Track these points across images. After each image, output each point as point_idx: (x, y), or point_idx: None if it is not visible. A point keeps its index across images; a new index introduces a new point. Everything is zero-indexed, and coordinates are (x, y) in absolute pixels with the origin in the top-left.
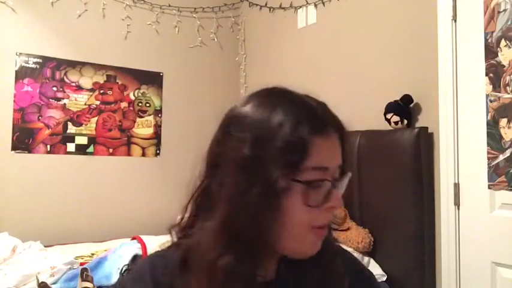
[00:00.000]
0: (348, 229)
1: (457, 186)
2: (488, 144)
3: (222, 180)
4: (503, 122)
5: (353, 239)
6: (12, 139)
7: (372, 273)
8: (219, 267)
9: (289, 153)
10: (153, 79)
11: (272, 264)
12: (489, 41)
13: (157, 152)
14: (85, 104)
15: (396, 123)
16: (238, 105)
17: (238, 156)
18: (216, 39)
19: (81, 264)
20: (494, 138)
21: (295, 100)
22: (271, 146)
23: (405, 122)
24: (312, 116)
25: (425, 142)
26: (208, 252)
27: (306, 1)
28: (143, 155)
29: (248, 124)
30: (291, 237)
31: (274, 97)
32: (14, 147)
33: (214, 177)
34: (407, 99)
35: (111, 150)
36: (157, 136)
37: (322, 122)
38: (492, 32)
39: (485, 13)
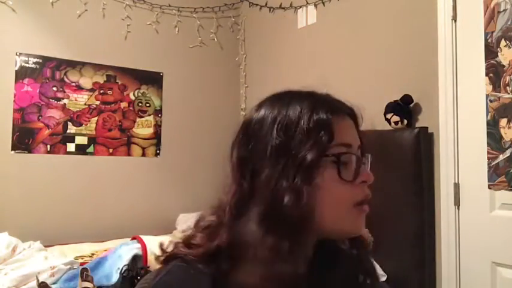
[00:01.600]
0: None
1: (457, 186)
2: (488, 144)
3: (255, 173)
4: (503, 122)
5: None
6: (12, 139)
7: None
8: (275, 252)
9: (316, 132)
10: (153, 79)
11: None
12: (489, 41)
13: (157, 152)
14: (85, 104)
15: (396, 123)
16: (252, 113)
17: (269, 148)
18: (216, 39)
19: (81, 264)
20: (494, 138)
21: (304, 94)
22: (297, 131)
23: (405, 122)
24: (325, 101)
25: (425, 142)
26: (259, 242)
27: (306, 1)
28: (143, 155)
29: (269, 121)
30: (334, 216)
31: (284, 96)
32: (14, 147)
33: (246, 176)
34: (407, 99)
35: (111, 150)
36: (157, 136)
37: (336, 105)
38: (492, 32)
39: (485, 13)
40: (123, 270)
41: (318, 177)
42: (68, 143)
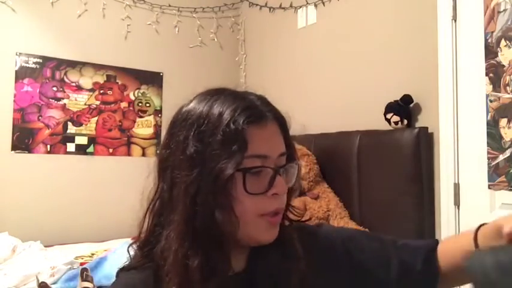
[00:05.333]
0: (310, 219)
1: (457, 186)
2: (488, 144)
3: (173, 181)
4: (503, 122)
5: None
6: (12, 139)
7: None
8: (193, 269)
9: (229, 144)
10: (153, 79)
11: (242, 257)
12: (489, 41)
13: (157, 152)
14: (85, 104)
15: (396, 123)
16: (183, 105)
17: (185, 154)
18: (216, 39)
19: (81, 264)
20: (494, 138)
21: (233, 94)
22: (212, 140)
23: (405, 122)
24: (247, 107)
25: (425, 142)
26: (177, 257)
27: (306, 1)
28: (143, 155)
29: (191, 122)
30: (244, 226)
31: (215, 93)
32: (14, 147)
33: (165, 181)
34: (407, 99)
35: (111, 150)
36: (157, 136)
37: (259, 113)
38: (492, 32)
39: (485, 13)
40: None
41: (231, 190)
42: (68, 143)
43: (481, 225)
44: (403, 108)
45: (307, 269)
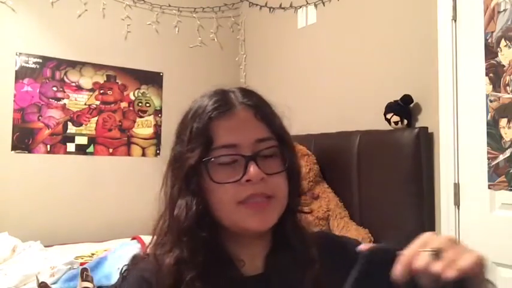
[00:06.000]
0: (311, 212)
1: (457, 186)
2: (488, 144)
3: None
4: (503, 122)
5: None
6: (12, 139)
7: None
8: (172, 264)
9: (195, 139)
10: (153, 79)
11: (258, 260)
12: (489, 41)
13: (157, 152)
14: (85, 104)
15: (396, 123)
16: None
17: (171, 154)
18: (216, 39)
19: (81, 264)
20: (494, 138)
21: (209, 93)
22: (184, 138)
23: (405, 122)
24: (216, 101)
25: (425, 142)
26: (165, 252)
27: (306, 1)
28: (143, 155)
29: (179, 125)
30: (225, 215)
31: (203, 94)
32: (14, 147)
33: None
34: (407, 99)
35: (111, 150)
36: (157, 136)
37: (227, 105)
38: (492, 32)
39: (485, 13)
40: (123, 270)
41: (204, 182)
42: (68, 143)
43: None
44: (403, 108)
45: (327, 277)
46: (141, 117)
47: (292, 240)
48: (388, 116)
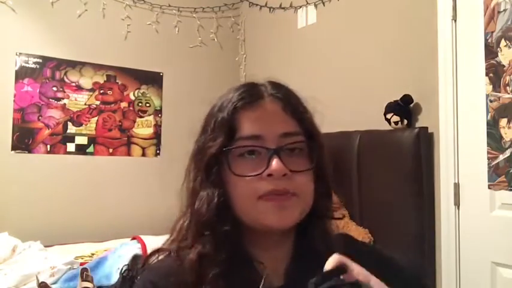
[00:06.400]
0: (343, 217)
1: (457, 186)
2: (488, 144)
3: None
4: (503, 122)
5: None
6: (12, 139)
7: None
8: (195, 260)
9: (220, 128)
10: (153, 79)
11: (280, 271)
12: (489, 41)
13: (157, 152)
14: (85, 104)
15: (396, 123)
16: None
17: (194, 147)
18: (216, 39)
19: (81, 264)
20: (494, 138)
21: (237, 86)
22: (209, 129)
23: (405, 122)
24: (243, 92)
25: (425, 142)
26: (185, 246)
27: (306, 1)
28: (143, 155)
29: (205, 117)
30: (245, 210)
31: (229, 88)
32: (14, 147)
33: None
34: (407, 99)
35: (111, 150)
36: (157, 136)
37: (253, 95)
38: (492, 32)
39: (485, 13)
40: (123, 270)
41: (224, 173)
42: (68, 143)
43: None
44: (403, 108)
45: None
46: (141, 117)
47: (318, 246)
48: (388, 116)
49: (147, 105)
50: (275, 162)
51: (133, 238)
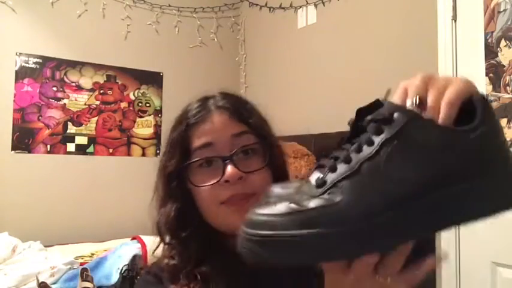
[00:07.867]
0: None
1: None
2: None
3: None
4: (503, 122)
5: None
6: (12, 139)
7: None
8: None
9: (174, 148)
10: (153, 79)
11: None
12: (489, 41)
13: (157, 152)
14: (85, 104)
15: None
16: None
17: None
18: (216, 39)
19: (81, 264)
20: None
21: (187, 104)
22: (166, 150)
23: None
24: (190, 111)
25: None
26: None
27: (306, 1)
28: (143, 155)
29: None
30: (211, 216)
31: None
32: (14, 147)
33: None
34: None
35: (111, 150)
36: (157, 136)
37: (202, 112)
38: (492, 32)
39: (485, 13)
40: (123, 270)
41: (188, 186)
42: (68, 143)
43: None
44: None
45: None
46: (141, 117)
47: None
48: None
49: (147, 105)
50: (229, 169)
51: (133, 238)
